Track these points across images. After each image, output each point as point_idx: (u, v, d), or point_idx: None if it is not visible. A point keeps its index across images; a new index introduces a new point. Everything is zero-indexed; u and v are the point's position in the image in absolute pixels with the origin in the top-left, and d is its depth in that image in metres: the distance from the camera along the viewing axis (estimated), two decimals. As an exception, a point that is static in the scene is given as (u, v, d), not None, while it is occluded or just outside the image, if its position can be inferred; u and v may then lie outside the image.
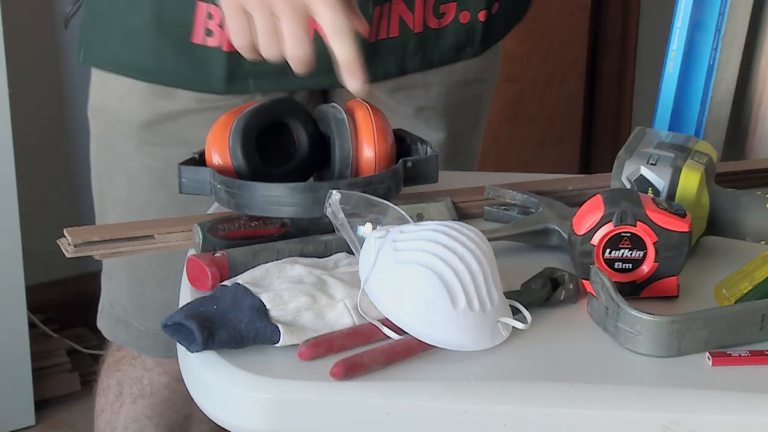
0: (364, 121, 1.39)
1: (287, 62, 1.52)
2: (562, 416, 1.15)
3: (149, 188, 1.61)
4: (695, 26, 1.63)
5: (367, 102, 1.41)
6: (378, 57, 1.62)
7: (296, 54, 1.34)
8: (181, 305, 1.25)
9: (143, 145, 1.60)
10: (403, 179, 1.40)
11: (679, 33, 1.63)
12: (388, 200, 1.30)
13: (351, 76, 1.33)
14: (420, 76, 1.69)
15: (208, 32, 1.55)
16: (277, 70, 1.53)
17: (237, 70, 1.55)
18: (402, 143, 1.44)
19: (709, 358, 1.19)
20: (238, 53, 1.51)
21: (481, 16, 1.66)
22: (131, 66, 1.59)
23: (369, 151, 1.39)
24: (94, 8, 1.60)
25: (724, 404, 1.15)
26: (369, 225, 1.24)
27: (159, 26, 1.56)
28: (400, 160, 1.40)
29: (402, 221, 1.26)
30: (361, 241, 1.24)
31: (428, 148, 1.42)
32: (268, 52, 1.35)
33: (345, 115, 1.39)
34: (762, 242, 1.36)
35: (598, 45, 3.25)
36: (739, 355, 1.19)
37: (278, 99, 1.44)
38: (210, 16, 1.54)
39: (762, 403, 1.14)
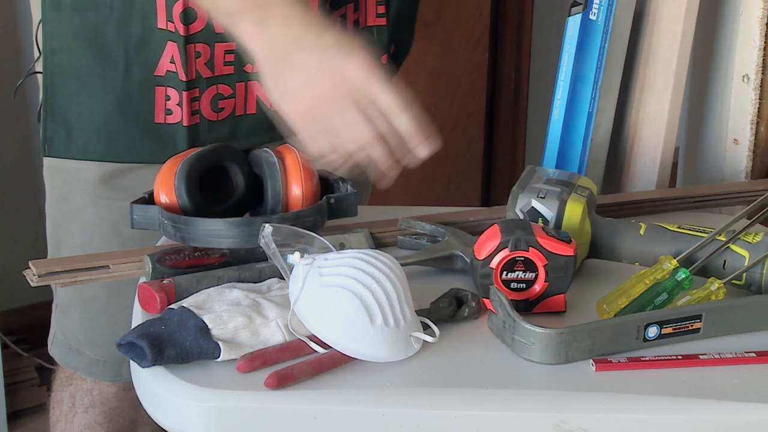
0: (293, 164, 1.39)
1: (237, 126, 1.52)
2: (467, 418, 1.14)
3: (102, 237, 1.58)
4: (576, 79, 1.63)
5: (294, 147, 1.40)
6: None
7: (357, 140, 1.31)
8: (133, 327, 1.23)
9: (98, 199, 1.57)
10: (327, 213, 1.40)
11: (563, 85, 1.64)
12: (314, 232, 1.29)
13: (419, 145, 1.32)
14: None
15: (168, 111, 1.52)
16: (228, 134, 1.53)
17: (196, 139, 1.53)
18: (325, 182, 1.43)
19: (592, 365, 1.18)
20: (197, 126, 1.51)
21: (384, 59, 1.66)
22: (100, 153, 1.54)
23: (297, 190, 1.38)
24: (55, 105, 1.54)
25: (607, 404, 1.14)
26: (297, 254, 1.23)
27: (124, 114, 1.52)
28: (324, 197, 1.40)
29: (326, 250, 1.26)
30: (291, 267, 1.23)
31: (348, 186, 1.42)
32: (348, 147, 1.32)
33: (276, 159, 1.38)
34: (636, 263, 1.36)
35: (495, 96, 3.26)
36: (619, 362, 1.19)
37: (217, 145, 1.42)
38: (167, 98, 1.52)
39: (639, 403, 1.14)
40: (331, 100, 1.30)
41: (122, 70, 1.50)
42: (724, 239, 1.33)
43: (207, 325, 1.18)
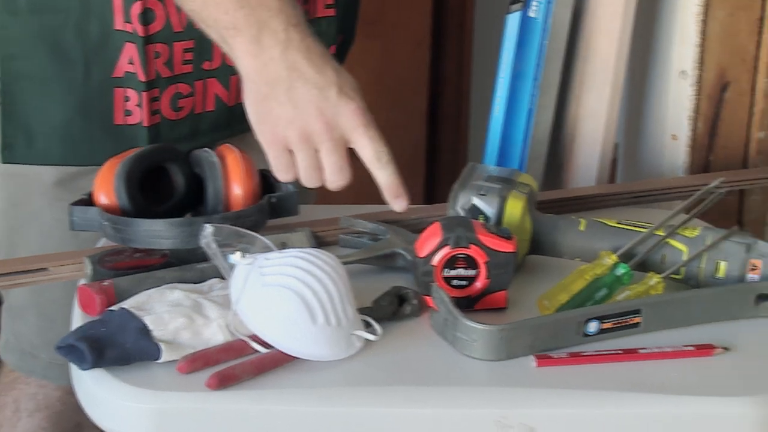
0: (233, 164, 1.38)
1: (197, 124, 1.53)
2: (409, 415, 1.14)
3: (60, 239, 1.56)
4: (516, 76, 1.64)
5: (235, 146, 1.40)
6: None
7: (339, 183, 1.33)
8: (73, 329, 1.22)
9: (56, 201, 1.55)
10: (268, 213, 1.39)
11: (503, 82, 1.64)
12: (256, 231, 1.28)
13: (396, 199, 1.34)
14: None
15: (128, 112, 1.51)
16: (188, 132, 1.53)
17: (157, 139, 1.52)
18: (267, 181, 1.43)
19: (534, 360, 1.19)
20: (158, 126, 1.50)
21: (332, 50, 1.65)
22: (61, 156, 1.53)
23: (238, 190, 1.37)
24: (13, 111, 1.52)
25: (548, 399, 1.15)
26: (239, 253, 1.23)
27: (85, 116, 1.51)
28: (265, 196, 1.39)
29: (268, 249, 1.25)
30: (232, 267, 1.22)
31: (289, 186, 1.41)
32: (312, 183, 1.33)
33: (216, 159, 1.38)
34: (576, 259, 1.37)
35: (438, 94, 3.26)
36: (559, 357, 1.19)
37: (158, 146, 1.42)
38: (126, 99, 1.50)
39: (579, 398, 1.15)
40: (317, 139, 1.30)
41: (81, 72, 1.49)
42: (662, 234, 1.34)
43: (148, 327, 1.17)
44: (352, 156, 1.33)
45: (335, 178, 1.32)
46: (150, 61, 1.48)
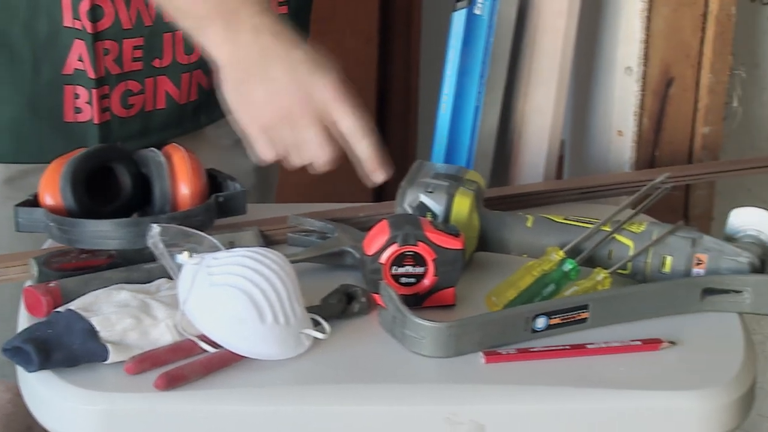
0: (180, 163, 1.37)
1: (147, 121, 1.52)
2: (359, 413, 1.14)
3: (12, 238, 1.54)
4: (463, 73, 1.64)
5: (182, 146, 1.39)
6: (210, 105, 1.60)
7: (323, 159, 1.33)
8: (19, 331, 1.20)
9: (6, 200, 1.53)
10: (216, 212, 1.38)
11: (449, 79, 1.64)
12: (203, 231, 1.28)
13: (376, 171, 1.35)
14: None
15: (78, 110, 1.50)
16: (139, 130, 1.52)
17: (108, 137, 1.51)
18: (214, 180, 1.42)
19: (482, 357, 1.19)
20: (108, 123, 1.49)
21: None
22: (11, 154, 1.51)
23: (185, 189, 1.37)
24: None
25: (496, 395, 1.15)
26: (186, 253, 1.22)
27: (35, 113, 1.49)
28: (213, 196, 1.38)
29: (215, 249, 1.24)
30: (180, 267, 1.21)
31: (237, 185, 1.41)
32: (297, 161, 1.34)
33: (163, 159, 1.37)
34: (524, 255, 1.37)
35: (386, 91, 3.26)
36: (508, 353, 1.19)
37: (103, 146, 1.41)
38: (77, 96, 1.49)
39: (528, 393, 1.15)
40: (295, 115, 1.31)
41: (30, 70, 1.48)
42: (609, 229, 1.34)
43: (95, 328, 1.16)
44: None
45: (318, 153, 1.33)
46: (99, 59, 1.47)
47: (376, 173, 1.36)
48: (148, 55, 1.51)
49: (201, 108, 1.59)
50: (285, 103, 1.31)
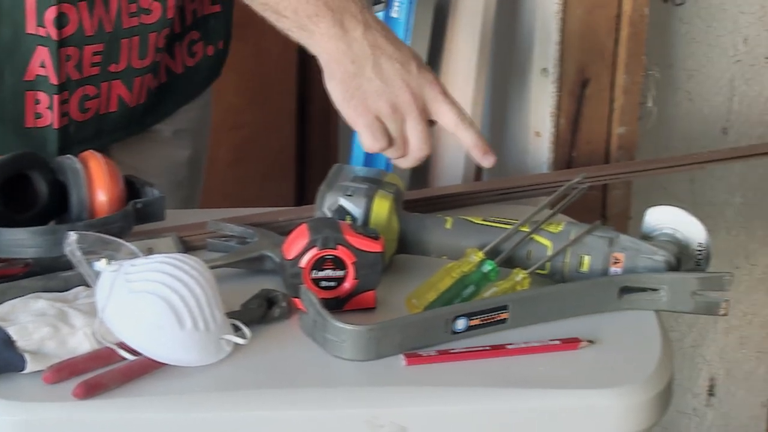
0: (97, 170, 1.36)
1: (101, 124, 1.53)
2: (280, 418, 1.13)
3: None
4: (381, 76, 1.63)
5: (99, 153, 1.38)
6: (163, 101, 1.64)
7: (424, 152, 1.39)
8: (-66, 342, 1.19)
9: None
10: (134, 219, 1.37)
11: (368, 83, 1.64)
12: (121, 238, 1.27)
13: (485, 155, 1.39)
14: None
15: (38, 115, 1.51)
16: (93, 133, 1.54)
17: (67, 140, 1.52)
18: (132, 187, 1.41)
19: (403, 359, 1.19)
20: (67, 127, 1.48)
21: (221, 44, 1.68)
22: None
23: (102, 196, 1.35)
24: None
25: (418, 397, 1.15)
26: (104, 261, 1.21)
27: None
28: (131, 202, 1.37)
29: (133, 256, 1.23)
30: (98, 275, 1.20)
31: (155, 191, 1.40)
32: (398, 153, 1.39)
33: (79, 165, 1.36)
34: (444, 257, 1.37)
35: (306, 96, 3.26)
36: (428, 355, 1.19)
37: (19, 153, 1.39)
38: (37, 102, 1.50)
39: (449, 395, 1.15)
40: (406, 109, 1.36)
41: None
42: (527, 230, 1.35)
43: (11, 337, 1.15)
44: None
45: (422, 146, 1.38)
46: (62, 65, 1.48)
47: (485, 158, 1.39)
48: (106, 61, 1.52)
49: (148, 110, 1.61)
50: (396, 98, 1.35)
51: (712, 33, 1.88)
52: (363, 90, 1.36)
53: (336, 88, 1.37)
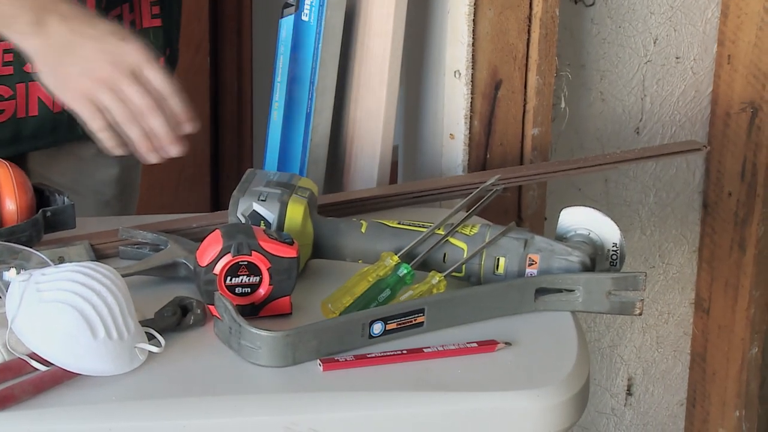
0: (5, 178, 1.35)
1: (18, 128, 1.52)
2: (197, 426, 1.13)
3: None
4: (293, 80, 1.64)
5: (6, 161, 1.36)
6: None
7: (158, 119, 1.39)
8: None
9: None
10: (44, 227, 1.36)
11: (279, 86, 1.64)
12: (31, 247, 1.26)
13: (187, 122, 1.41)
14: None
15: None
16: (9, 137, 1.52)
17: None
18: (41, 195, 1.40)
19: (320, 365, 1.19)
20: None
21: (161, 61, 1.64)
22: None
23: (11, 204, 1.35)
24: None
25: (335, 403, 1.15)
26: (13, 270, 1.20)
27: None
28: (40, 211, 1.36)
29: (44, 265, 1.23)
30: (7, 285, 1.19)
31: (65, 198, 1.39)
32: (134, 133, 1.39)
33: (-13, 174, 1.34)
34: (359, 261, 1.38)
35: (219, 101, 3.24)
36: (345, 360, 1.20)
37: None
38: None
39: (366, 400, 1.16)
40: (112, 78, 1.36)
41: None
42: (443, 233, 1.36)
43: None
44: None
45: (151, 114, 1.38)
46: None
47: (187, 124, 1.41)
48: (20, 60, 1.50)
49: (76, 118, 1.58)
50: (99, 72, 1.36)
51: (622, 34, 1.90)
52: (68, 75, 1.38)
53: (48, 80, 1.39)
